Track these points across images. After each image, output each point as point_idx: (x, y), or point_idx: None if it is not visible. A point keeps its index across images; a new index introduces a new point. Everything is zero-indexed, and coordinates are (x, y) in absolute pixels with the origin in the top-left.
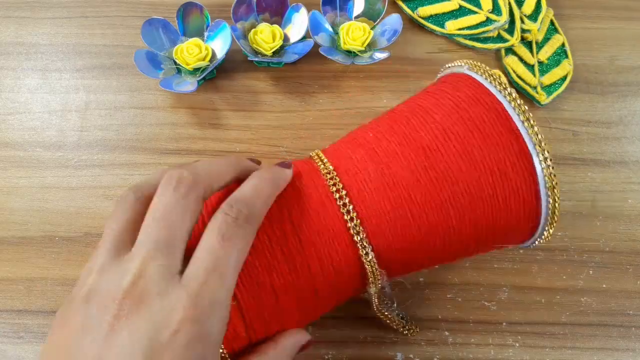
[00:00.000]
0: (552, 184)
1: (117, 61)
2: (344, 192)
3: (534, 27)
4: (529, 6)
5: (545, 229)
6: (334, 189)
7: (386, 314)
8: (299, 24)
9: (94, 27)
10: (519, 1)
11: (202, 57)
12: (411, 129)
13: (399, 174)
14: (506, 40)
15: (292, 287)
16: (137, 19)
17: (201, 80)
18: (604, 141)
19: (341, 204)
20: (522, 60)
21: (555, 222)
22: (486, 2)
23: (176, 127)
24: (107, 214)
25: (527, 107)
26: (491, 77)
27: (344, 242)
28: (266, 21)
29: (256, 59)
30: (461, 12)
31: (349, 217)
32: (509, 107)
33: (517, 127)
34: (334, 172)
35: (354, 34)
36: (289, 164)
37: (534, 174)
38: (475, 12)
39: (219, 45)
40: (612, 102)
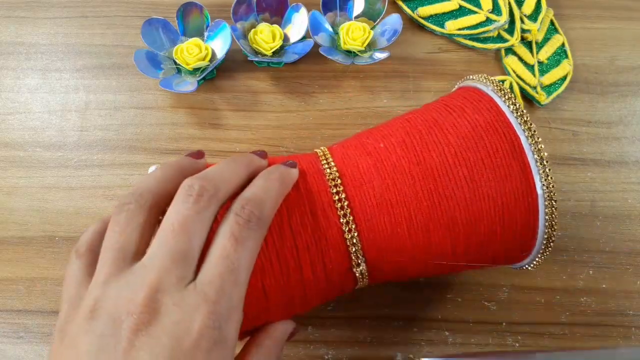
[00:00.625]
0: (551, 222)
1: (117, 61)
2: (347, 203)
3: (534, 27)
4: (529, 6)
5: (535, 258)
6: (337, 197)
7: None
8: (299, 24)
9: (94, 27)
10: (519, 1)
11: (202, 57)
12: (423, 147)
13: (404, 192)
14: (506, 40)
15: (282, 290)
16: (137, 19)
17: (201, 80)
18: (604, 141)
19: (342, 213)
20: (522, 60)
21: (548, 252)
22: (486, 2)
23: (176, 127)
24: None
25: (543, 146)
26: (514, 105)
27: (339, 252)
28: (266, 21)
29: (256, 59)
30: (461, 12)
31: (347, 227)
32: (525, 143)
33: (529, 164)
34: (339, 180)
35: (354, 34)
36: (295, 164)
37: (536, 212)
38: (475, 12)
39: (219, 45)
40: (612, 102)
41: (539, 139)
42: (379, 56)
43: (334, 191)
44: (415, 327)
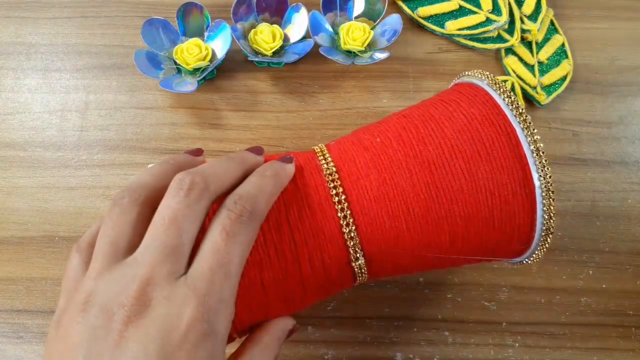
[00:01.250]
0: (549, 214)
1: (117, 61)
2: (344, 197)
3: (534, 27)
4: (529, 6)
5: (535, 251)
6: (334, 191)
7: None
8: (299, 24)
9: (94, 27)
10: (519, 1)
11: (202, 57)
12: (419, 141)
13: (401, 185)
14: (506, 40)
15: (281, 284)
16: (137, 19)
17: (201, 80)
18: (604, 141)
19: (339, 207)
20: (522, 60)
21: (546, 247)
22: (486, 2)
23: (176, 127)
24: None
25: (539, 137)
26: (509, 98)
27: (337, 246)
28: (266, 21)
29: (256, 59)
30: (461, 12)
31: (345, 222)
32: (521, 134)
33: (525, 155)
34: (336, 175)
35: (354, 34)
36: (291, 159)
37: (534, 203)
38: (475, 12)
39: (219, 45)
40: (612, 102)
41: (534, 130)
42: (379, 56)
43: (331, 186)
44: (415, 327)
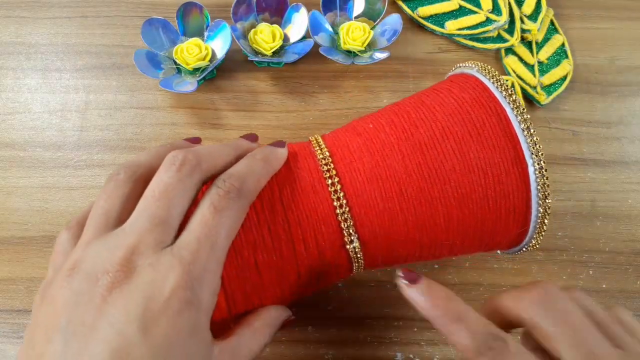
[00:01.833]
0: (544, 194)
1: (117, 61)
2: (337, 179)
3: (534, 27)
4: (529, 6)
5: (533, 237)
6: (327, 174)
7: None
8: (299, 24)
9: (94, 27)
10: (519, 1)
11: (202, 57)
12: (411, 124)
13: (393, 167)
14: (506, 40)
15: (275, 265)
16: (137, 19)
17: (201, 80)
18: (604, 141)
19: (332, 190)
20: (522, 60)
21: (544, 231)
22: (486, 2)
23: (176, 127)
24: None
25: (529, 116)
26: (498, 82)
27: (330, 227)
28: (266, 21)
29: (256, 59)
30: (461, 12)
31: (338, 203)
32: (510, 114)
33: (516, 134)
34: (330, 159)
35: (354, 34)
36: (283, 143)
37: (527, 182)
38: (475, 12)
39: (219, 45)
40: (612, 102)
41: (524, 110)
42: (379, 56)
43: (325, 169)
44: (415, 327)
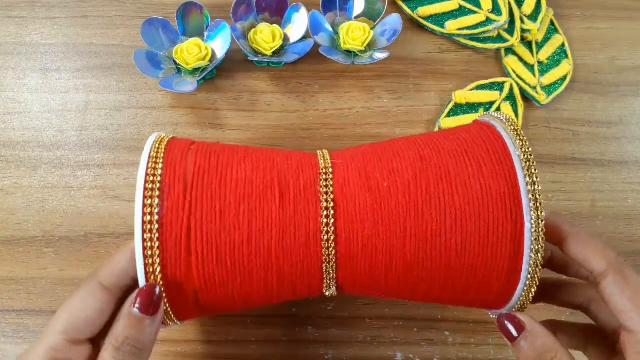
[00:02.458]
0: (535, 270)
1: (117, 61)
2: (333, 237)
3: (534, 27)
4: (529, 6)
5: (514, 307)
6: (325, 229)
7: None
8: (299, 24)
9: (94, 27)
10: (519, 1)
11: (202, 57)
12: (425, 201)
13: (392, 242)
14: (506, 40)
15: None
16: (137, 19)
17: (201, 80)
18: (604, 141)
19: (325, 246)
20: (522, 60)
21: (530, 298)
22: (486, 2)
23: (176, 127)
24: (107, 214)
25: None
26: (533, 183)
27: (313, 278)
28: (266, 21)
29: (256, 59)
30: (461, 12)
31: (327, 259)
32: (527, 223)
33: (523, 254)
34: (332, 211)
35: (354, 34)
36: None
37: (518, 273)
38: (475, 12)
39: (219, 45)
40: (612, 102)
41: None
42: (379, 56)
43: (324, 222)
44: (415, 327)
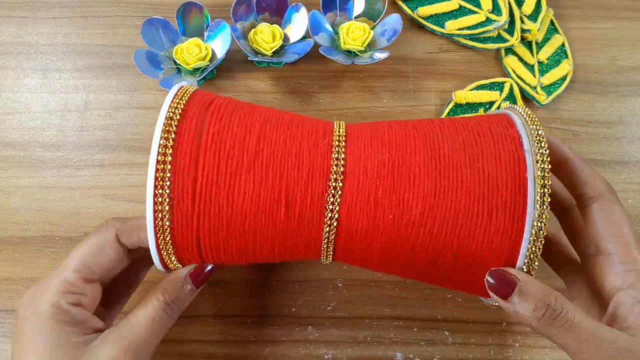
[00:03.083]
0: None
1: (117, 61)
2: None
3: (534, 27)
4: (529, 6)
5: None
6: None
7: None
8: (299, 24)
9: (94, 27)
10: (519, 1)
11: (202, 57)
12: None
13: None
14: (506, 40)
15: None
16: (137, 19)
17: (201, 80)
18: (604, 141)
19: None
20: (522, 60)
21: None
22: (486, 2)
23: None
24: (107, 214)
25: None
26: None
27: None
28: (266, 21)
29: (256, 59)
30: (461, 12)
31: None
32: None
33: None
34: (335, 227)
35: (354, 34)
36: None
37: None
38: (475, 12)
39: (219, 45)
40: (612, 102)
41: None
42: (379, 56)
43: (325, 237)
44: (415, 327)
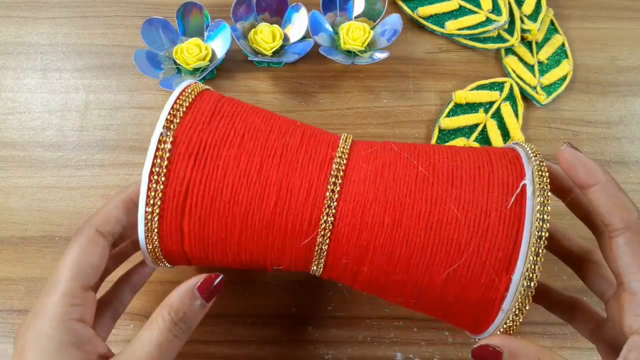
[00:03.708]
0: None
1: (117, 61)
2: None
3: (534, 27)
4: (529, 6)
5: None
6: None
7: None
8: (299, 24)
9: (94, 27)
10: (519, 1)
11: (202, 57)
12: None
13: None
14: (506, 40)
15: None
16: (137, 19)
17: (201, 80)
18: (604, 141)
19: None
20: (522, 60)
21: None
22: (486, 2)
23: None
24: None
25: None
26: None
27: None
28: (266, 21)
29: (256, 59)
30: (461, 12)
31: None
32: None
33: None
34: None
35: (354, 34)
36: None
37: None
38: (475, 12)
39: (219, 45)
40: (612, 102)
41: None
42: (379, 56)
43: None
44: (415, 327)
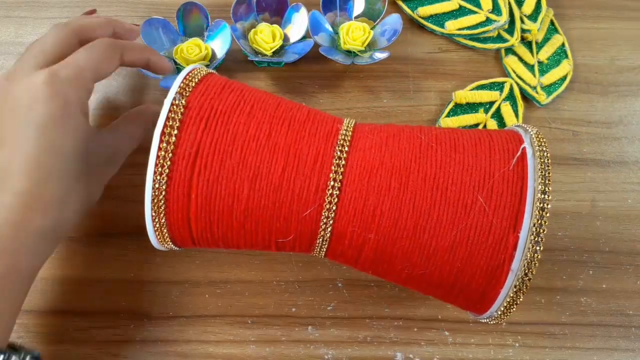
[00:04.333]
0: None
1: None
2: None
3: (534, 27)
4: (529, 6)
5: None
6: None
7: None
8: (299, 24)
9: None
10: (519, 1)
11: (202, 57)
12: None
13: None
14: (506, 40)
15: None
16: (137, 19)
17: None
18: (604, 141)
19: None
20: (522, 60)
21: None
22: (486, 2)
23: None
24: (107, 214)
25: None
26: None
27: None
28: (266, 21)
29: (256, 59)
30: (461, 12)
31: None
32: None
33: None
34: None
35: (354, 34)
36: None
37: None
38: (475, 12)
39: (219, 45)
40: (612, 102)
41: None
42: (379, 56)
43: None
44: (415, 327)
